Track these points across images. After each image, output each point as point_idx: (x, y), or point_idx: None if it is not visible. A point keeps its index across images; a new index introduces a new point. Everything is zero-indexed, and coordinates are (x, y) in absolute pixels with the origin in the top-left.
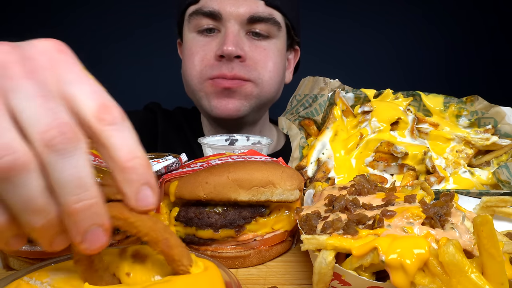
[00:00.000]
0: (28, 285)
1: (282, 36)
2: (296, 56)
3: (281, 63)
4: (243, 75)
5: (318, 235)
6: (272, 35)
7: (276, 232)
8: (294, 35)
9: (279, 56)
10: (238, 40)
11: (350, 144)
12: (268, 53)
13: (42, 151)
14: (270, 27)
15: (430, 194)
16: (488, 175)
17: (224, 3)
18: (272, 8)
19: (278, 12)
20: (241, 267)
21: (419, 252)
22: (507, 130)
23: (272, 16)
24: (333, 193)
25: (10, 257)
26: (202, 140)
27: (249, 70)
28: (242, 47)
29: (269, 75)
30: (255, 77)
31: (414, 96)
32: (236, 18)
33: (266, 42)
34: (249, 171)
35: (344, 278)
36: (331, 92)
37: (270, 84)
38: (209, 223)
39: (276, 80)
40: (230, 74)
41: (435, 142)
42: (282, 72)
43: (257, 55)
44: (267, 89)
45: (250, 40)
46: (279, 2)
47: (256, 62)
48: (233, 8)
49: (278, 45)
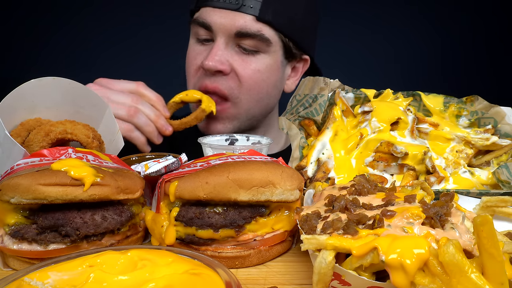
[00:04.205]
0: (29, 286)
1: (273, 52)
2: (305, 65)
3: (270, 78)
4: (223, 90)
5: (318, 235)
6: (262, 50)
7: (276, 232)
8: (295, 50)
9: (267, 71)
10: (224, 54)
11: (350, 144)
12: (255, 68)
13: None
14: (258, 43)
15: (430, 194)
16: (488, 175)
17: (215, 16)
18: (262, 23)
19: (270, 28)
20: (241, 267)
21: (419, 252)
22: (507, 130)
23: (260, 32)
24: (333, 193)
25: (9, 257)
26: (202, 140)
27: (231, 87)
28: (225, 61)
29: (250, 93)
30: (235, 96)
31: (414, 96)
32: (224, 31)
33: (255, 57)
34: (249, 171)
35: (344, 278)
36: (331, 92)
37: (251, 102)
38: (209, 223)
39: (260, 96)
40: (211, 86)
41: (435, 142)
42: (272, 87)
43: (242, 69)
44: (246, 107)
45: (238, 54)
46: (271, 17)
47: (241, 77)
48: (222, 20)
49: (268, 61)
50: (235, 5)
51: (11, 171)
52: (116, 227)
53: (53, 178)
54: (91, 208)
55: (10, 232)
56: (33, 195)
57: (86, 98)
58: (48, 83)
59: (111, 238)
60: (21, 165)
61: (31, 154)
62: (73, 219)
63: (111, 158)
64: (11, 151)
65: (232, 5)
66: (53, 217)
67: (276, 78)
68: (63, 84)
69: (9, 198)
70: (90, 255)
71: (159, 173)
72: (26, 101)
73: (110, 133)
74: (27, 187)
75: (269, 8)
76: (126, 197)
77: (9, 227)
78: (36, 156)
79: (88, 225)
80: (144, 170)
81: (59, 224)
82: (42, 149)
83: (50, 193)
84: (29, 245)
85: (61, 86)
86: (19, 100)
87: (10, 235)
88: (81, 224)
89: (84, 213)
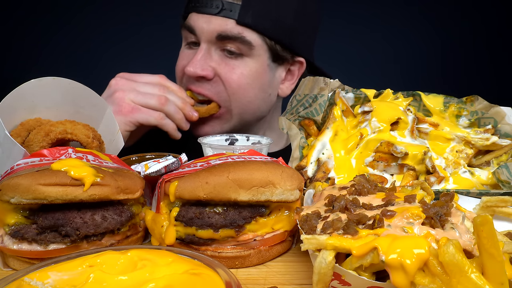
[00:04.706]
0: (29, 286)
1: (258, 55)
2: (301, 68)
3: (255, 82)
4: (209, 95)
5: (318, 235)
6: (245, 53)
7: (276, 232)
8: (283, 53)
9: (252, 75)
10: (206, 59)
11: (350, 144)
12: (239, 72)
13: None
14: (240, 46)
15: (430, 194)
16: (488, 175)
17: (199, 21)
18: (243, 26)
19: (251, 31)
20: (241, 267)
21: (419, 252)
22: (507, 130)
23: (241, 35)
24: (333, 193)
25: (9, 257)
26: (202, 140)
27: (217, 91)
28: (207, 67)
29: (236, 97)
30: (225, 100)
31: (414, 96)
32: (207, 35)
33: (238, 60)
34: (249, 171)
35: (344, 278)
36: (331, 92)
37: (239, 107)
38: (209, 223)
39: (248, 100)
40: (196, 91)
41: (435, 142)
42: (259, 90)
43: (226, 73)
44: (236, 112)
45: (222, 57)
46: (251, 20)
47: (225, 81)
48: (204, 25)
49: (253, 64)
50: (215, 9)
51: (11, 171)
52: (116, 227)
53: (53, 178)
54: (91, 208)
55: (10, 232)
56: (33, 195)
57: (86, 98)
58: (48, 83)
59: (111, 238)
60: (21, 165)
61: (31, 154)
62: (73, 219)
63: (111, 158)
64: (11, 151)
65: (213, 9)
66: (53, 217)
67: (263, 82)
68: (63, 84)
69: (9, 198)
70: (90, 255)
71: (159, 173)
72: (26, 101)
73: (110, 133)
74: (27, 187)
75: (249, 11)
76: (126, 197)
77: (9, 227)
78: (36, 156)
79: (88, 225)
80: (144, 170)
81: (59, 224)
82: (42, 149)
83: (50, 193)
84: (29, 245)
85: (61, 86)
86: (19, 100)
87: (10, 235)
88: (81, 224)
89: (84, 213)
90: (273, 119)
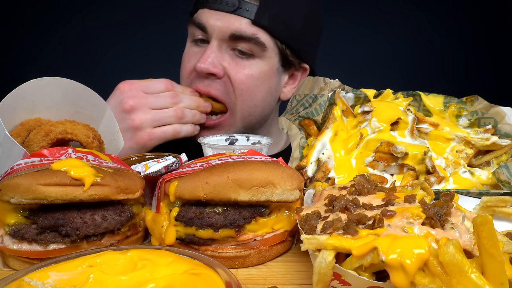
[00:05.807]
0: (29, 286)
1: (269, 57)
2: (304, 74)
3: (264, 84)
4: (218, 96)
5: (318, 235)
6: (257, 54)
7: (276, 232)
8: (292, 57)
9: (261, 77)
10: (217, 56)
11: (350, 144)
12: (248, 73)
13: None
14: (253, 47)
15: (430, 194)
16: (488, 175)
17: (211, 18)
18: (258, 27)
19: (265, 32)
20: (241, 267)
21: (419, 252)
22: (507, 130)
23: (255, 36)
24: (333, 193)
25: (9, 257)
26: (202, 140)
27: (225, 92)
28: (218, 64)
29: (243, 99)
30: (231, 101)
31: (414, 96)
32: (219, 33)
33: (248, 61)
34: (249, 171)
35: (344, 278)
36: (331, 92)
37: (245, 109)
38: (209, 223)
39: (254, 103)
40: (204, 90)
41: (435, 142)
42: (267, 94)
43: (235, 73)
44: (241, 115)
45: (232, 57)
46: (267, 22)
47: (233, 81)
48: (217, 23)
49: (263, 66)
50: (231, 7)
51: (11, 171)
52: (116, 227)
53: (53, 178)
54: (91, 208)
55: (10, 232)
56: (33, 195)
57: (86, 98)
58: (48, 83)
59: (111, 238)
60: (21, 165)
61: (31, 154)
62: (73, 219)
63: (111, 158)
64: (11, 151)
65: (228, 7)
66: (53, 217)
67: (271, 85)
68: (63, 84)
69: (9, 198)
70: (90, 255)
71: (159, 173)
72: (26, 101)
73: (110, 133)
74: (27, 187)
75: (266, 12)
76: (126, 197)
77: (9, 227)
78: (36, 156)
79: (88, 225)
80: (144, 170)
81: (59, 224)
82: (42, 149)
83: (50, 193)
84: (29, 245)
85: (61, 86)
86: (19, 100)
87: (10, 235)
88: (81, 224)
89: (84, 213)
90: (272, 121)
